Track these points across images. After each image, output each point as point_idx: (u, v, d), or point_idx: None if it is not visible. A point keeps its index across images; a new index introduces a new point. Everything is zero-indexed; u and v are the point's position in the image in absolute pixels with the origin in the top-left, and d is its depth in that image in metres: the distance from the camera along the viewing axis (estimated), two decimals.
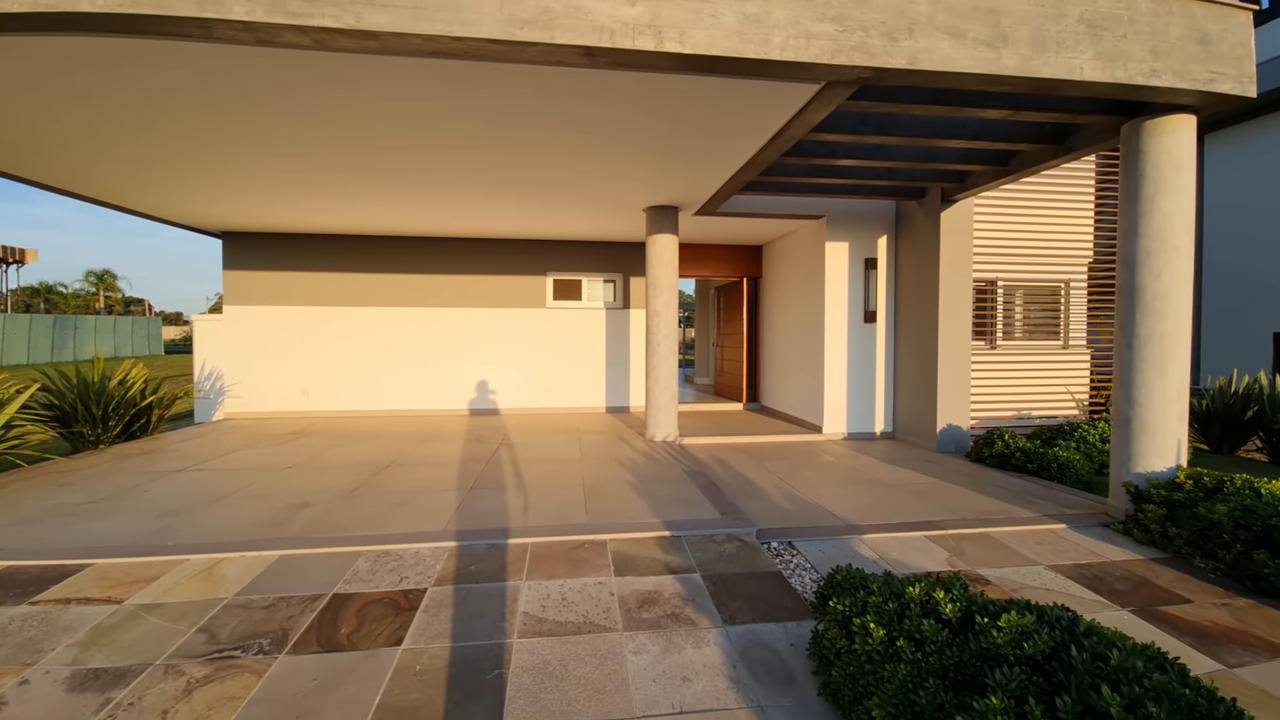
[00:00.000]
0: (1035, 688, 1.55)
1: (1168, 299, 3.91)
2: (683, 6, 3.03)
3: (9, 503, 4.21)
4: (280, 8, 2.73)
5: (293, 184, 5.90)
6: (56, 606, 2.71)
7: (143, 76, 3.52)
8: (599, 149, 4.81)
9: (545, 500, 4.29)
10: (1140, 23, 3.49)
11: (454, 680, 2.20)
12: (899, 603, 2.01)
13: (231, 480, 4.87)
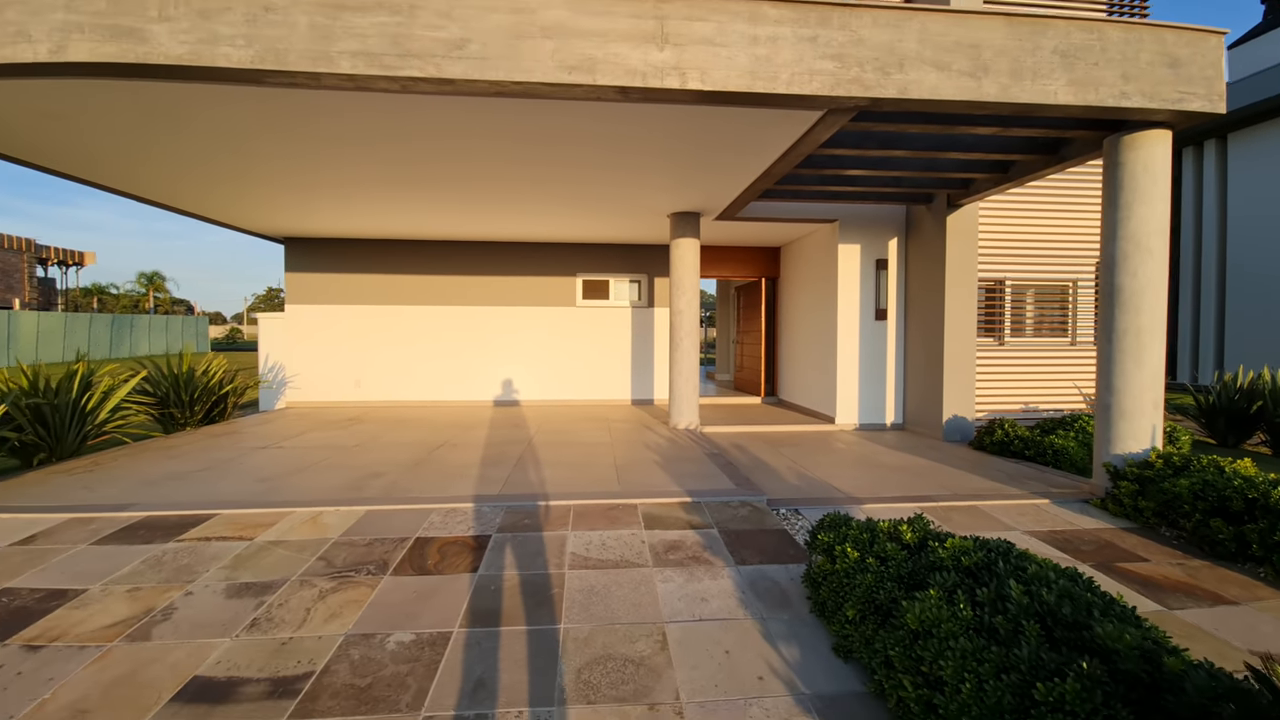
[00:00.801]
0: (964, 586, 2.08)
1: (1143, 296, 4.33)
2: (703, 51, 3.59)
3: (129, 470, 4.99)
4: (377, 62, 3.38)
5: (356, 197, 6.63)
6: (199, 543, 3.41)
7: (240, 111, 4.23)
8: (628, 165, 5.40)
9: (582, 473, 4.90)
10: (1112, 51, 3.93)
11: (522, 595, 2.81)
12: (871, 534, 2.55)
13: (309, 456, 5.60)
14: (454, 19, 3.42)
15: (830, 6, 3.66)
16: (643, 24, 3.55)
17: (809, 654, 2.38)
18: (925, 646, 1.87)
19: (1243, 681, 1.52)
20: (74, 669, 2.24)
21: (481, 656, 2.33)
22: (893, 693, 1.96)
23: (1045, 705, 1.54)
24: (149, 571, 3.03)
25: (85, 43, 3.30)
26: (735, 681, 2.21)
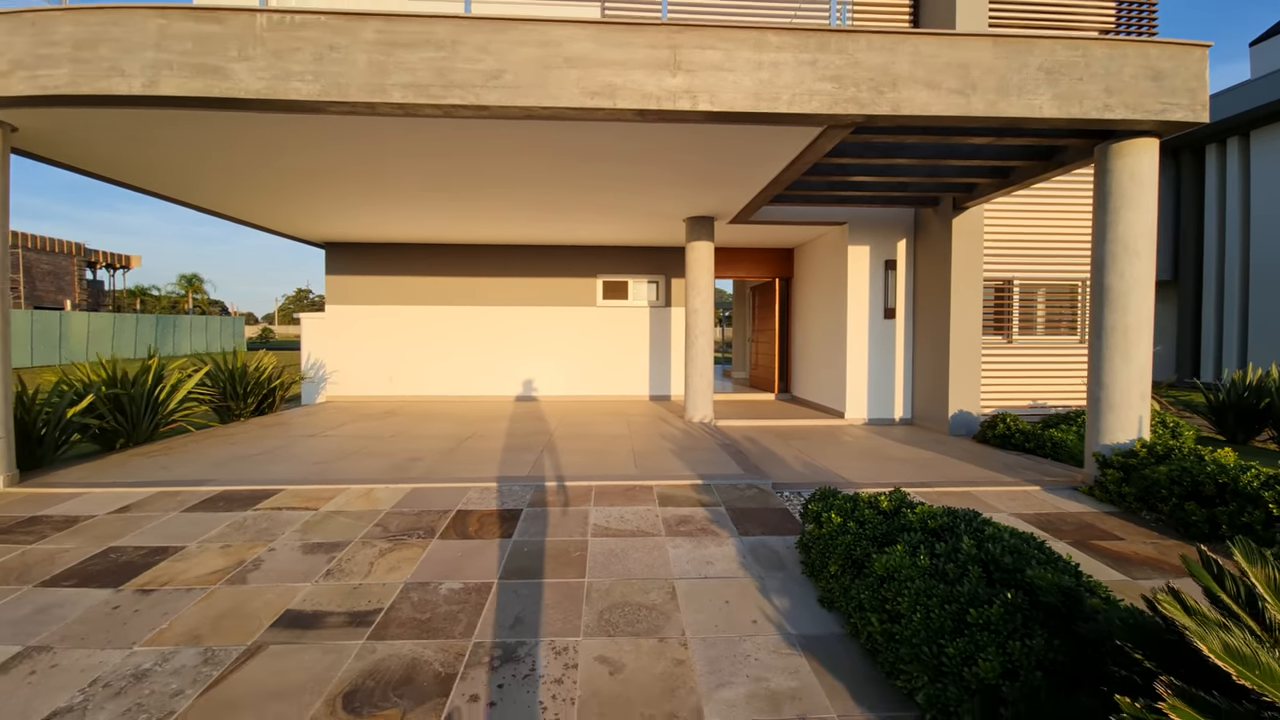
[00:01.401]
0: (926, 542, 2.45)
1: (1130, 296, 4.59)
2: (712, 75, 3.99)
3: (198, 454, 5.58)
4: (424, 92, 3.86)
5: (395, 205, 7.17)
6: (273, 511, 3.92)
7: (295, 133, 4.75)
8: (644, 176, 5.82)
9: (602, 459, 5.33)
10: (1095, 66, 4.21)
11: (550, 555, 3.25)
12: (853, 503, 2.92)
13: (354, 443, 6.13)
14: (490, 53, 3.88)
15: (828, 33, 4.02)
16: (658, 53, 3.96)
17: (798, 604, 2.76)
18: (889, 589, 2.25)
19: (1142, 614, 1.87)
20: (184, 606, 2.74)
21: (518, 601, 2.77)
22: (863, 630, 2.34)
23: (976, 626, 1.90)
24: (234, 533, 3.54)
25: (174, 79, 3.83)
26: (733, 624, 2.60)
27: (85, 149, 5.11)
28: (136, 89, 3.81)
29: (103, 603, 2.76)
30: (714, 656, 2.36)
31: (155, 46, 3.81)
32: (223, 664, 2.29)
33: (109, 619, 2.62)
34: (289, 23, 3.82)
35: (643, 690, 2.15)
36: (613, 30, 3.94)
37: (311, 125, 4.54)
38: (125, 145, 5.06)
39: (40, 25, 3.89)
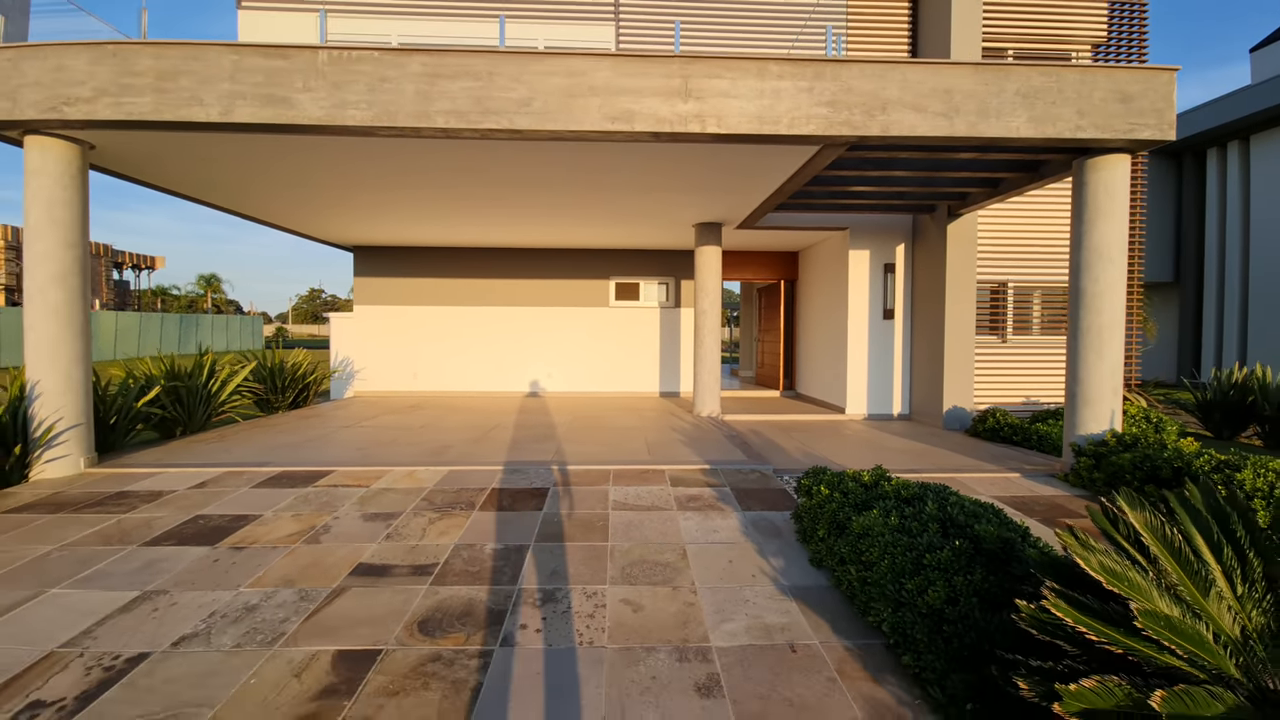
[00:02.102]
0: (898, 507, 2.90)
1: (1103, 299, 5.00)
2: (719, 101, 4.46)
3: (250, 441, 6.12)
4: (464, 118, 4.36)
5: (424, 213, 7.69)
6: (330, 488, 4.44)
7: (343, 151, 5.27)
8: (657, 187, 6.29)
9: (618, 447, 5.81)
10: (1068, 90, 4.64)
11: (577, 524, 3.73)
12: (839, 478, 3.38)
13: (388, 433, 6.66)
14: (522, 82, 4.37)
15: (823, 62, 4.48)
16: (671, 82, 4.44)
17: (790, 564, 3.23)
18: (864, 543, 2.71)
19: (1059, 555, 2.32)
20: (273, 559, 3.25)
21: (553, 558, 3.26)
22: (844, 579, 2.81)
23: (930, 567, 2.36)
24: (301, 505, 4.07)
25: (247, 107, 4.36)
26: (734, 577, 3.08)
27: (153, 165, 5.67)
28: (214, 116, 4.35)
29: (203, 557, 3.28)
30: (718, 601, 2.84)
31: (230, 79, 4.34)
32: (316, 601, 2.79)
33: (212, 569, 3.14)
34: (346, 58, 4.34)
35: (660, 623, 2.63)
36: (631, 62, 4.42)
37: (358, 145, 5.06)
38: (189, 162, 5.61)
39: (122, 57, 4.43)
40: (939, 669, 2.10)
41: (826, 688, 2.21)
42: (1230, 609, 1.75)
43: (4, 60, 4.45)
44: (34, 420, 4.67)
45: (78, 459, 4.84)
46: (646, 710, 2.08)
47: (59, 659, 2.36)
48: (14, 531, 3.64)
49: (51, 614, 2.70)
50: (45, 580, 3.01)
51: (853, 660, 2.39)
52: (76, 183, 4.81)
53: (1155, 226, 15.83)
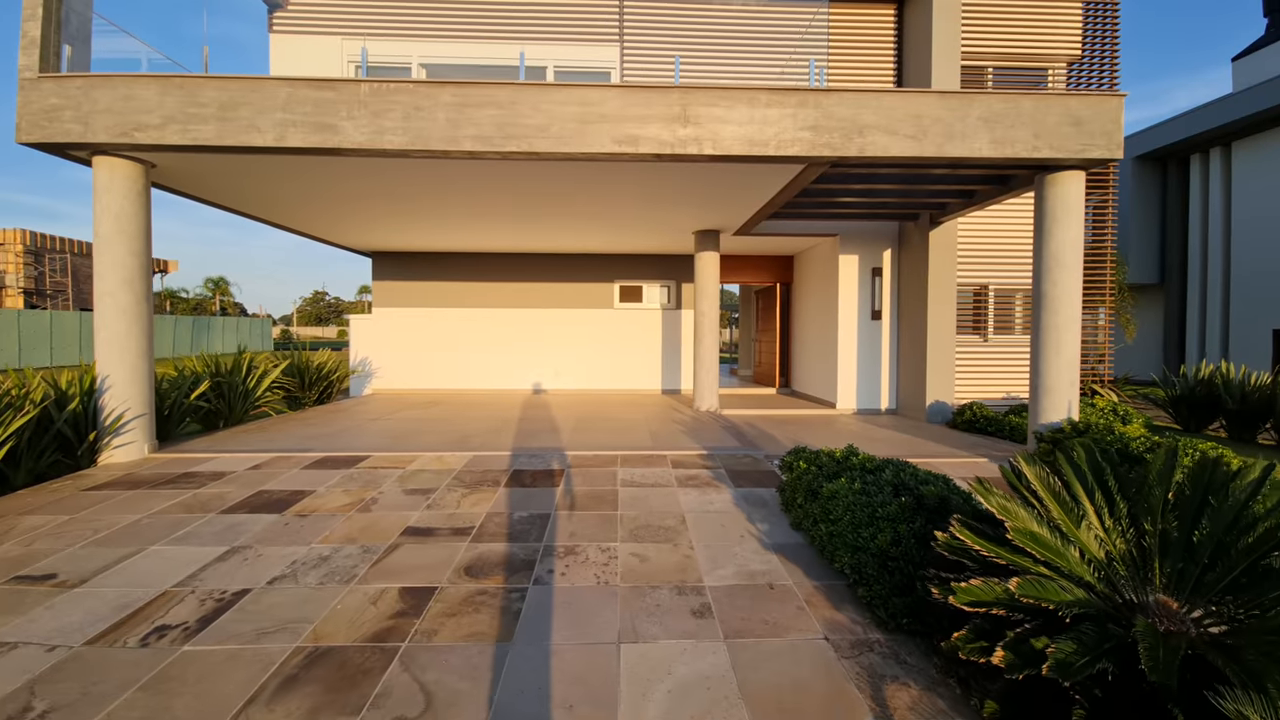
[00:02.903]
0: (862, 476, 3.46)
1: (1060, 300, 5.56)
2: (715, 126, 5.03)
3: (287, 431, 6.70)
4: (488, 142, 4.93)
5: (444, 222, 8.27)
6: (371, 469, 5.01)
7: (374, 170, 5.85)
8: (659, 199, 6.86)
9: (624, 436, 6.38)
10: (1025, 115, 5.20)
11: (590, 497, 4.30)
12: (815, 454, 3.94)
13: (412, 425, 7.23)
14: (540, 111, 4.95)
15: (807, 91, 5.05)
16: (671, 109, 5.01)
17: (774, 527, 3.79)
18: (831, 504, 3.27)
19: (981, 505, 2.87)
20: (334, 524, 3.82)
21: (572, 523, 3.83)
22: (816, 536, 3.36)
23: (880, 518, 2.92)
24: (348, 482, 4.64)
25: (298, 133, 4.94)
26: (726, 537, 3.64)
27: (203, 182, 6.26)
28: (269, 141, 4.93)
29: (275, 521, 3.85)
30: (711, 554, 3.40)
31: (283, 108, 4.92)
32: (377, 553, 3.36)
33: (284, 530, 3.71)
34: (385, 90, 4.92)
35: (662, 570, 3.20)
36: (637, 93, 5.00)
37: (392, 164, 5.63)
38: (236, 179, 6.20)
39: (188, 89, 5.01)
40: (884, 595, 2.66)
41: (795, 613, 2.77)
42: (1097, 537, 2.31)
43: (76, 88, 5.04)
44: (104, 410, 5.25)
45: (142, 445, 5.42)
46: (652, 625, 2.64)
47: (174, 595, 2.93)
48: (101, 504, 4.22)
49: (157, 564, 3.27)
50: (144, 540, 3.59)
51: (819, 595, 2.95)
52: (141, 198, 5.40)
53: (1141, 230, 16.37)
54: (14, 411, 4.56)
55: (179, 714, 2.07)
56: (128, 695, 2.17)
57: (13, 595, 2.93)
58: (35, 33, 5.06)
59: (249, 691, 2.19)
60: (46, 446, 4.85)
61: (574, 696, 2.16)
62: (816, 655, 2.44)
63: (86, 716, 2.06)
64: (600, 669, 2.33)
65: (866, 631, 2.62)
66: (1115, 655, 1.74)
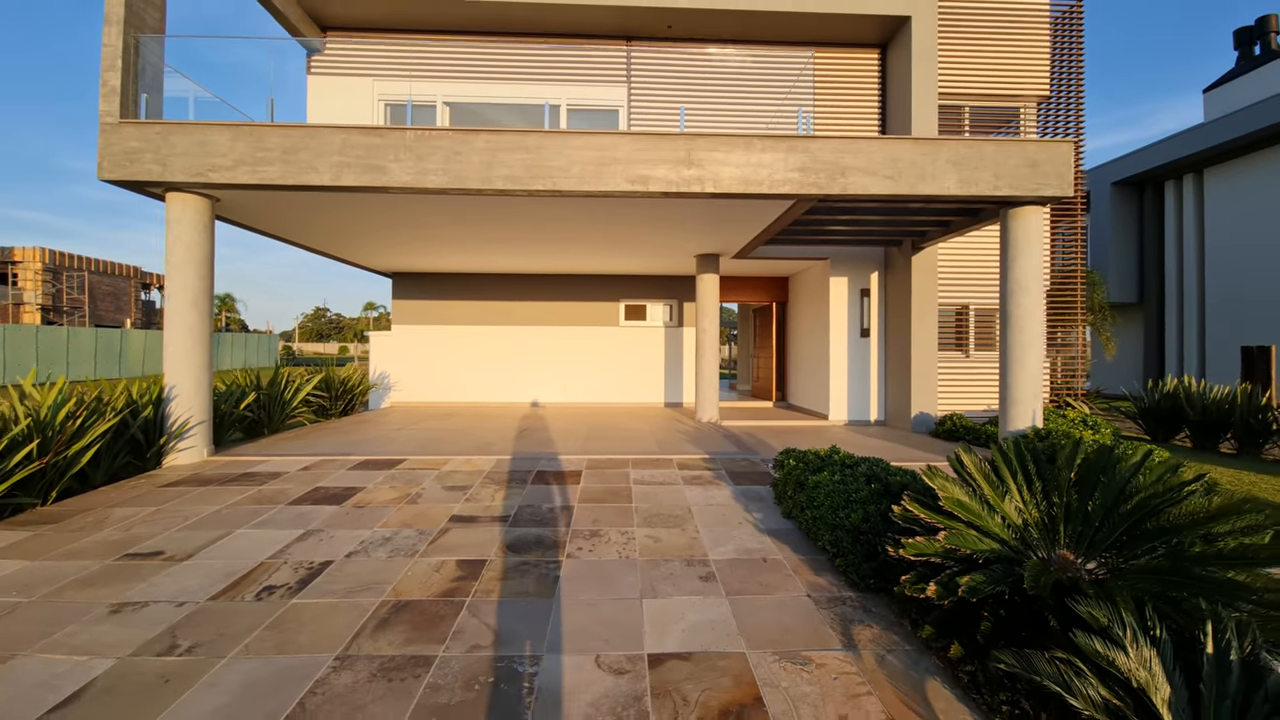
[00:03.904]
0: (841, 470, 4.09)
1: (1024, 320, 6.23)
2: (715, 168, 5.74)
3: (324, 439, 7.30)
4: (518, 182, 5.64)
5: (468, 247, 8.97)
6: (409, 470, 5.62)
7: (410, 203, 6.54)
8: (665, 228, 7.57)
9: (633, 443, 6.99)
10: (987, 159, 5.92)
11: (607, 492, 4.91)
12: (802, 453, 4.57)
13: (436, 434, 7.84)
14: (563, 155, 5.66)
15: (795, 138, 5.78)
16: (677, 153, 5.73)
17: (768, 516, 4.40)
18: (815, 493, 3.89)
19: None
20: (389, 513, 4.43)
21: (593, 512, 4.43)
22: (802, 521, 3.98)
23: (854, 502, 3.54)
24: (392, 481, 5.25)
25: (351, 173, 5.65)
26: (726, 524, 4.25)
27: (253, 213, 6.96)
28: (326, 180, 5.63)
29: (336, 511, 4.46)
30: (714, 536, 4.01)
31: (339, 152, 5.63)
32: (430, 535, 3.97)
33: (346, 517, 4.32)
34: (427, 136, 5.63)
35: (674, 548, 3.80)
36: (647, 139, 5.72)
37: (430, 200, 6.34)
38: (281, 211, 6.90)
39: (256, 135, 5.73)
40: (856, 562, 3.28)
41: (784, 579, 3.38)
42: (1017, 508, 2.93)
43: (155, 133, 5.76)
44: (170, 417, 5.87)
45: (202, 449, 6.03)
46: (668, 586, 3.25)
47: (270, 565, 3.53)
48: (180, 498, 4.82)
49: (247, 543, 3.88)
50: (229, 525, 4.19)
51: (804, 566, 3.56)
52: (207, 230, 6.09)
53: (1120, 252, 17.16)
54: (99, 418, 5.19)
55: (303, 644, 2.68)
56: (257, 633, 2.77)
57: (129, 568, 3.54)
58: (115, 82, 5.79)
59: (354, 629, 2.79)
60: (121, 449, 5.47)
61: (610, 633, 2.77)
62: (799, 607, 3.05)
63: (227, 648, 2.66)
64: (628, 616, 2.93)
65: (841, 590, 3.23)
66: (1015, 585, 2.36)
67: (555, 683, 2.38)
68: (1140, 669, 1.85)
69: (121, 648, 2.64)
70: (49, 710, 2.22)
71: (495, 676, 2.42)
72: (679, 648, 2.65)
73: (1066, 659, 1.98)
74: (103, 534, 4.03)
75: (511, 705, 2.24)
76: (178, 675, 2.44)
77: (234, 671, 2.46)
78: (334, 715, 2.18)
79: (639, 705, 2.24)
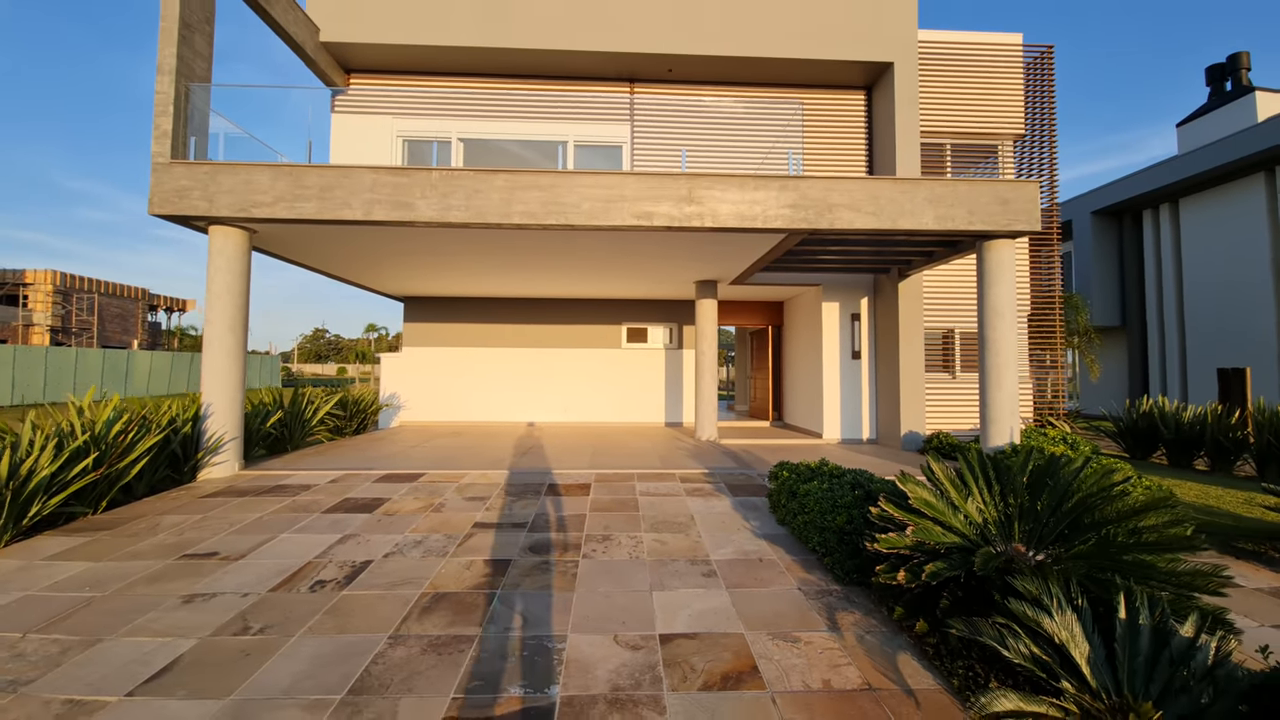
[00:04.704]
0: (829, 480, 4.53)
1: (1000, 344, 6.72)
2: (714, 204, 6.29)
3: (344, 455, 7.70)
4: (534, 217, 6.17)
5: (480, 274, 9.50)
6: (430, 483, 6.02)
7: (436, 238, 7.07)
8: (667, 257, 8.11)
9: (637, 459, 7.41)
10: (961, 197, 6.49)
11: (616, 503, 5.32)
12: (794, 466, 5.01)
13: (449, 450, 8.25)
14: (575, 193, 6.21)
15: (787, 178, 6.34)
16: (679, 191, 6.28)
17: (764, 523, 4.82)
18: (806, 500, 4.32)
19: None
20: (416, 521, 4.83)
21: (604, 520, 4.85)
22: (795, 526, 4.40)
23: (840, 506, 3.98)
24: (415, 492, 5.65)
25: (381, 209, 6.18)
26: (725, 529, 4.66)
27: (284, 244, 7.48)
28: (358, 216, 6.15)
29: (368, 519, 4.86)
30: (715, 540, 4.43)
31: (370, 190, 6.17)
32: (457, 540, 4.38)
33: (378, 525, 4.72)
34: (451, 175, 6.18)
35: (678, 550, 4.22)
36: (652, 179, 6.28)
37: (452, 233, 6.86)
38: (308, 241, 7.42)
39: (295, 175, 6.27)
40: (841, 559, 3.70)
41: (777, 575, 3.80)
42: (978, 508, 3.37)
43: (203, 173, 6.29)
44: (206, 433, 6.29)
45: (234, 464, 6.44)
46: (674, 581, 3.66)
47: (316, 564, 3.93)
48: (222, 507, 5.22)
49: (292, 546, 4.28)
50: (272, 530, 4.59)
51: (796, 565, 3.98)
52: (245, 259, 6.59)
53: (1102, 277, 17.82)
54: (145, 433, 5.61)
55: (359, 626, 3.08)
56: (318, 618, 3.18)
57: (190, 566, 3.93)
58: (167, 126, 6.34)
59: (401, 614, 3.19)
60: (162, 463, 5.87)
61: (625, 618, 3.18)
62: (791, 597, 3.46)
63: (294, 629, 3.06)
64: (640, 604, 3.34)
65: (828, 584, 3.65)
66: (970, 571, 2.79)
67: (581, 655, 2.79)
68: (1062, 630, 2.28)
69: (200, 630, 3.04)
70: (145, 681, 2.62)
71: (529, 650, 2.83)
72: (686, 629, 3.06)
73: (1005, 623, 2.41)
74: (157, 538, 4.42)
75: (546, 672, 2.65)
76: (256, 650, 2.84)
77: (304, 647, 2.86)
78: (396, 678, 2.59)
79: (654, 672, 2.65)
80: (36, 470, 4.52)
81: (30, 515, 4.46)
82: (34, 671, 2.70)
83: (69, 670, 2.70)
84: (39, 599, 3.44)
